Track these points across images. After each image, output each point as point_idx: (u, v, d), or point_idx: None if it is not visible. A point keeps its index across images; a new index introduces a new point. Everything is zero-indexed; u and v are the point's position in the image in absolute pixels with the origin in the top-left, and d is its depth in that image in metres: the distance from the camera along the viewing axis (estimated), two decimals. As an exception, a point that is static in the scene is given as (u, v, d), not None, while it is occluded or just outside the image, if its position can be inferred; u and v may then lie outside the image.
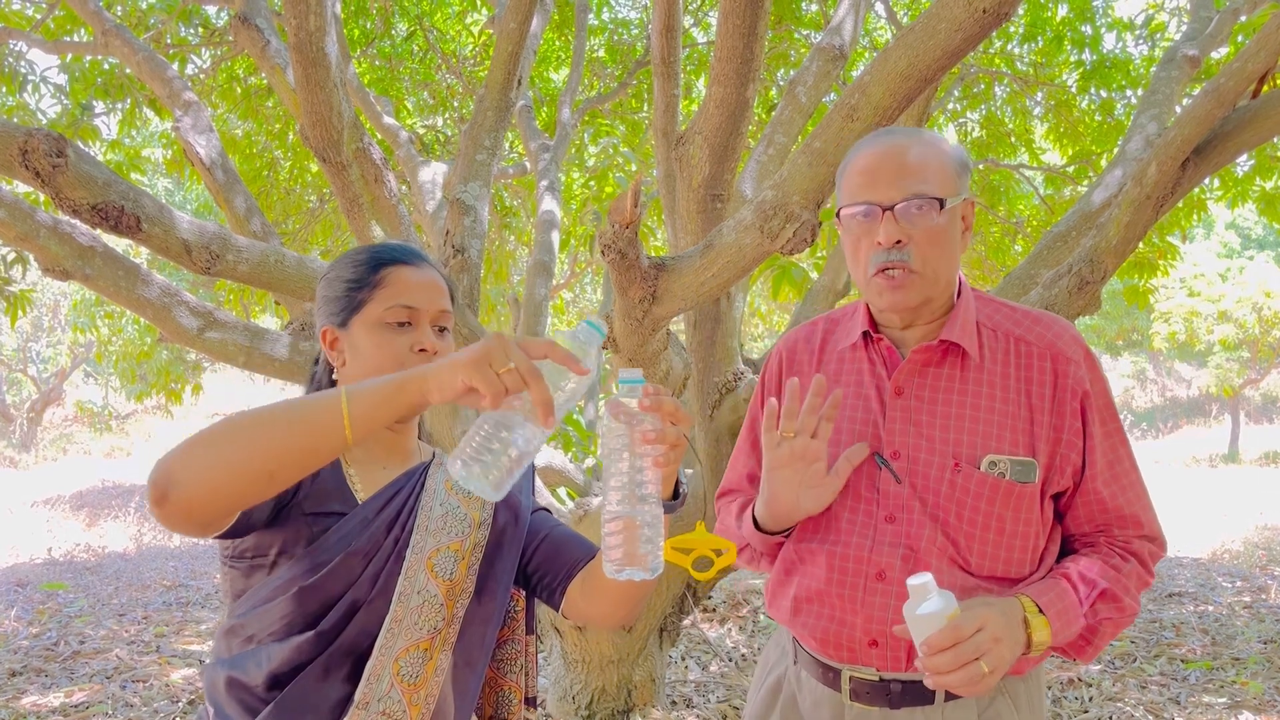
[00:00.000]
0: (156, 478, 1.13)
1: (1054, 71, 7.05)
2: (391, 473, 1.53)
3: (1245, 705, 4.27)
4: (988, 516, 1.50)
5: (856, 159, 1.57)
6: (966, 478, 1.50)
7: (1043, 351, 1.56)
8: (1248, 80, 2.39)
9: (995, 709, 1.54)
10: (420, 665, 1.43)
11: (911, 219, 1.49)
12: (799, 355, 1.73)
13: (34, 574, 8.08)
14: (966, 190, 1.56)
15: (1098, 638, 1.52)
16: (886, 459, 1.55)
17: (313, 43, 2.93)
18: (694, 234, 3.31)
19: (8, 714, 4.35)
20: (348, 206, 3.63)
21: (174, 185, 15.64)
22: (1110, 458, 1.56)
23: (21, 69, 6.15)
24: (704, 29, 7.62)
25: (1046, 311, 1.65)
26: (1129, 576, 1.52)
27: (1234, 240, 24.57)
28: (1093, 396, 1.55)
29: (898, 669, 1.53)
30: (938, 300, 1.57)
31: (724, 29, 2.89)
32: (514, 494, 1.59)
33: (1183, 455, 17.33)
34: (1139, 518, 1.57)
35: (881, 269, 1.51)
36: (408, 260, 1.51)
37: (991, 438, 1.51)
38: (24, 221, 2.99)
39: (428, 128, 7.97)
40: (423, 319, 1.49)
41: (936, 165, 1.51)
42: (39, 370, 21.49)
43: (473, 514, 1.53)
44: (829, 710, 1.60)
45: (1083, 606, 1.48)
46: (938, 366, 1.57)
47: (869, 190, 1.52)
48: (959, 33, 1.88)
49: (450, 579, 1.47)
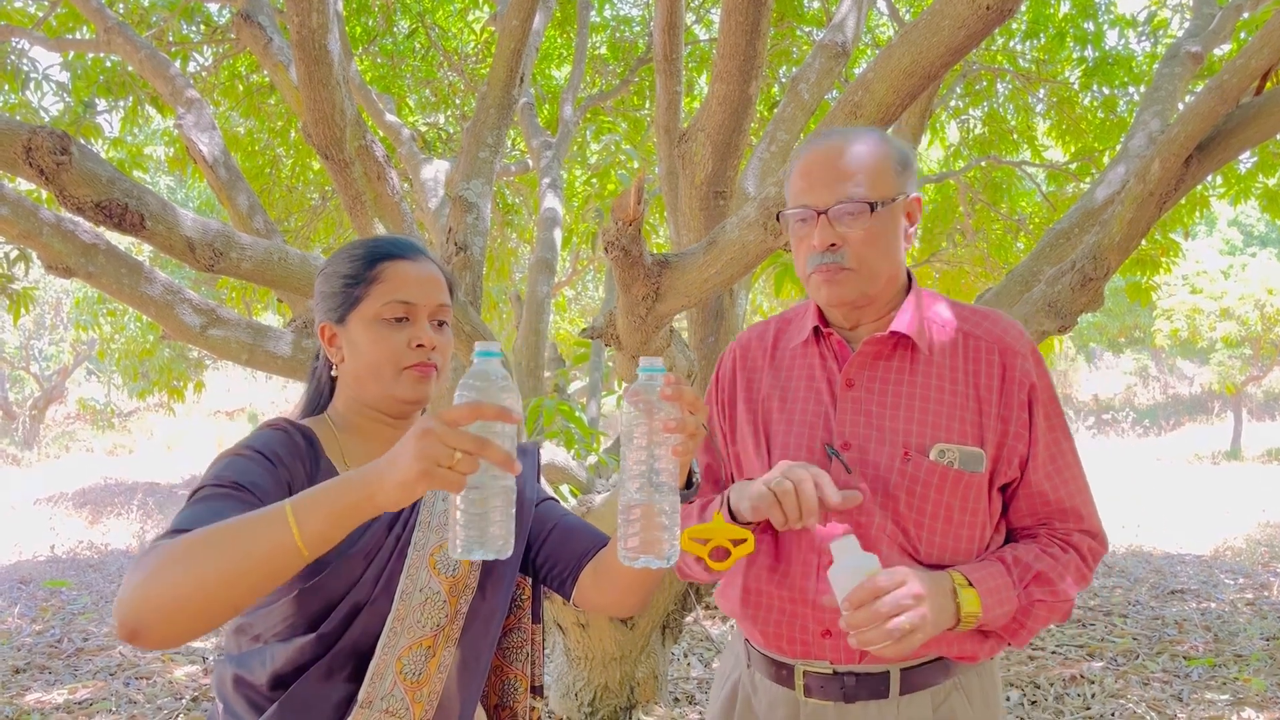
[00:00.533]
0: (123, 618, 1.13)
1: (1056, 68, 7.05)
2: None
3: (1248, 702, 4.27)
4: (936, 505, 1.53)
5: (798, 160, 1.61)
6: (916, 466, 1.53)
7: (990, 345, 1.59)
8: (1251, 77, 2.39)
9: (950, 704, 1.56)
10: (423, 663, 1.43)
11: (844, 222, 1.53)
12: (752, 353, 1.76)
13: (37, 571, 8.10)
14: (910, 187, 1.59)
15: (1030, 620, 1.53)
16: (837, 450, 1.57)
17: (315, 40, 2.93)
18: (697, 231, 3.31)
19: (11, 711, 4.36)
20: (350, 204, 3.63)
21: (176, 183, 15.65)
22: (1053, 451, 1.58)
23: (24, 67, 6.15)
24: (706, 26, 7.62)
25: (993, 309, 1.68)
26: (1065, 566, 1.54)
27: (1236, 237, 24.53)
28: (1039, 390, 1.58)
29: (852, 661, 1.54)
30: (882, 296, 1.61)
31: (726, 26, 2.89)
32: (518, 484, 1.58)
33: (1185, 452, 17.32)
34: (1079, 511, 1.59)
35: (817, 268, 1.56)
36: (404, 254, 1.50)
37: (941, 428, 1.54)
38: (27, 219, 2.99)
39: (430, 125, 7.98)
40: (420, 314, 1.48)
41: (871, 167, 1.54)
42: (41, 368, 21.51)
43: None
44: (784, 710, 1.61)
45: (1016, 587, 1.50)
46: (887, 359, 1.60)
47: (805, 194, 1.57)
48: (962, 29, 1.88)
49: (453, 575, 1.47)
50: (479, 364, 1.21)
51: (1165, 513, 10.68)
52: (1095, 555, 1.60)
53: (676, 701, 4.30)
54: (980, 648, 1.56)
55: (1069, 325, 2.94)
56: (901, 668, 1.54)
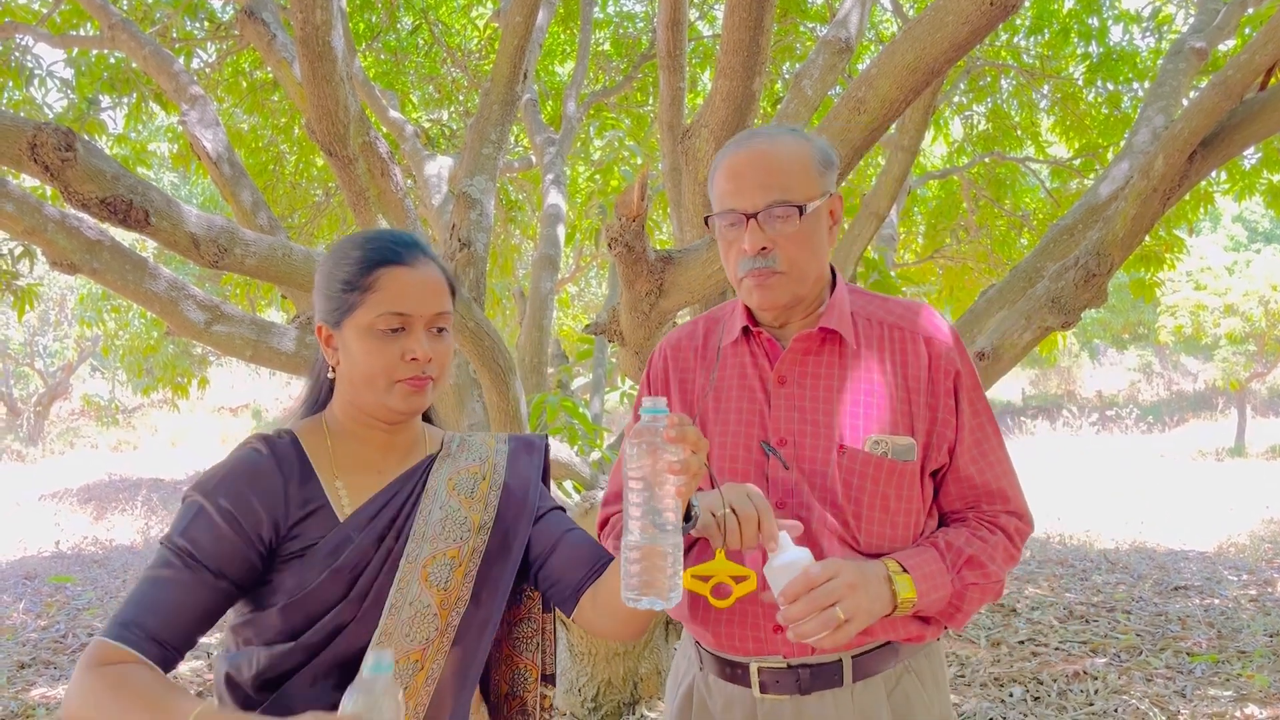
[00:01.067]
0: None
1: (1060, 64, 7.04)
2: (386, 476, 1.49)
3: (1251, 698, 4.27)
4: (873, 495, 1.55)
5: (723, 163, 1.61)
6: (851, 458, 1.55)
7: (915, 335, 1.62)
8: (1255, 73, 2.39)
9: (902, 688, 1.59)
10: (411, 675, 1.41)
11: (774, 225, 1.54)
12: (684, 353, 1.77)
13: (42, 567, 8.12)
14: (832, 186, 1.61)
15: (966, 603, 1.56)
16: (774, 447, 1.59)
17: (319, 36, 2.93)
18: (700, 227, 3.31)
19: (17, 706, 4.37)
20: (354, 200, 3.63)
21: (180, 179, 15.66)
22: (977, 435, 1.62)
23: (28, 63, 6.16)
24: (709, 22, 7.61)
25: (912, 300, 1.71)
26: (995, 547, 1.58)
27: (1241, 233, 24.49)
28: (963, 376, 1.62)
29: (805, 653, 1.56)
30: (809, 296, 1.63)
31: (730, 22, 2.89)
32: (522, 491, 1.57)
33: (1189, 449, 17.29)
34: (1005, 493, 1.63)
35: (749, 273, 1.57)
36: (403, 259, 1.43)
37: (873, 419, 1.57)
38: (32, 215, 3.00)
39: (433, 121, 7.98)
40: (416, 324, 1.42)
41: (798, 169, 1.56)
42: (46, 364, 21.54)
43: (474, 517, 1.50)
44: (740, 709, 1.62)
45: (949, 572, 1.53)
46: (817, 354, 1.62)
47: (733, 197, 1.57)
48: (966, 25, 1.88)
49: (445, 588, 1.44)
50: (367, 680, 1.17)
51: (1169, 509, 10.67)
52: (1021, 535, 1.64)
53: (680, 697, 4.31)
54: (925, 630, 1.59)
55: (1073, 321, 2.94)
56: (852, 655, 1.56)
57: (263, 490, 1.39)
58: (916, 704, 1.59)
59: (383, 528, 1.43)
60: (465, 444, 1.60)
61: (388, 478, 1.49)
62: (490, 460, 1.57)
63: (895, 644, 1.59)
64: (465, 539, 1.47)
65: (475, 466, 1.55)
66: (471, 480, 1.54)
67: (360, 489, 1.46)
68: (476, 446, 1.60)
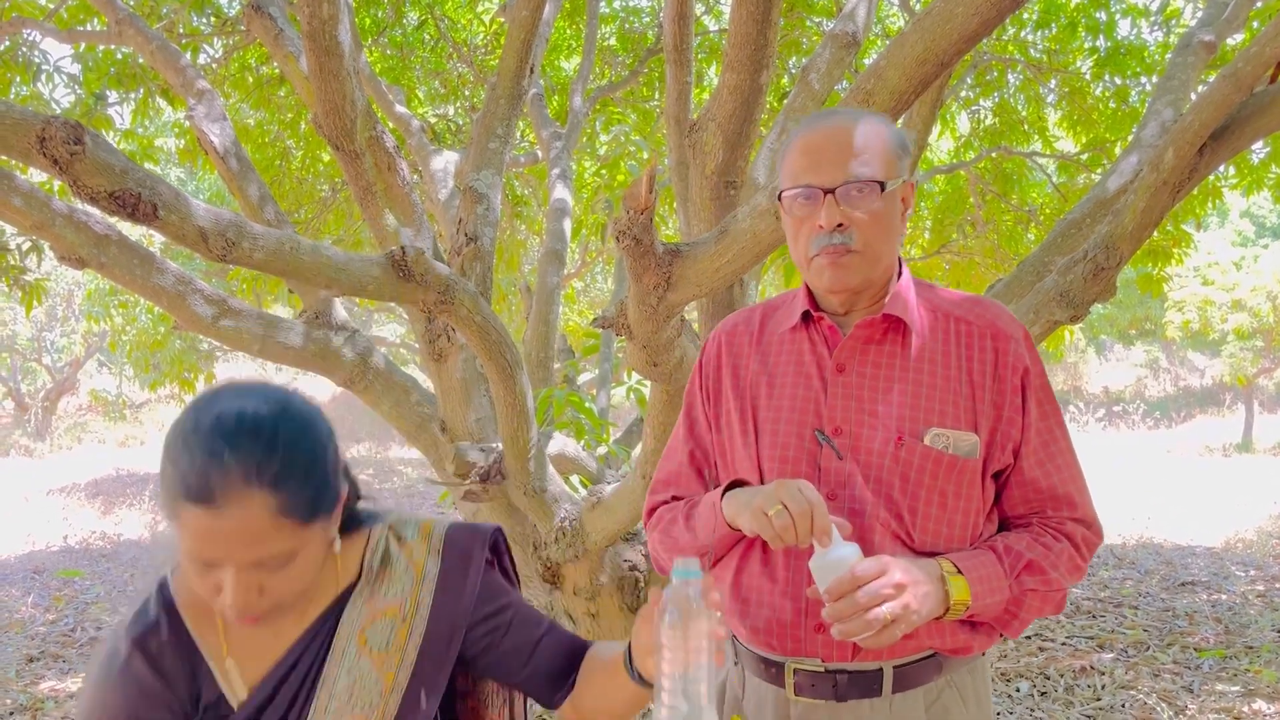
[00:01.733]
0: None
1: (1068, 58, 7.01)
2: (284, 639, 1.29)
3: (1259, 693, 4.26)
4: (930, 490, 1.50)
5: (798, 140, 1.56)
6: (910, 451, 1.50)
7: (983, 330, 1.56)
8: (1265, 65, 2.38)
9: (943, 702, 1.53)
10: None
11: (852, 201, 1.49)
12: (738, 339, 1.71)
13: (50, 561, 8.14)
14: (906, 172, 1.56)
15: (1024, 610, 1.51)
16: (828, 436, 1.54)
17: (326, 31, 2.93)
18: (707, 221, 3.31)
19: (26, 699, 4.39)
20: (361, 195, 3.63)
21: (187, 175, 15.67)
22: (1045, 438, 1.55)
23: (35, 58, 6.17)
24: (715, 16, 7.60)
25: (987, 298, 1.65)
26: (1059, 555, 1.51)
27: (1249, 228, 24.39)
28: (1032, 375, 1.55)
29: (844, 658, 1.50)
30: (877, 282, 1.57)
31: (737, 15, 2.88)
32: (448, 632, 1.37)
33: (1196, 445, 17.24)
34: (1073, 499, 1.55)
35: (823, 249, 1.51)
36: (208, 499, 1.12)
37: (934, 412, 1.51)
38: (40, 210, 3.00)
39: (439, 116, 7.98)
40: (229, 567, 1.15)
41: (878, 147, 1.51)
42: (53, 359, 21.59)
43: (386, 677, 1.30)
44: (773, 708, 1.57)
45: (1007, 577, 1.47)
46: (879, 343, 1.57)
47: (810, 173, 1.51)
48: (976, 16, 1.88)
49: None
50: None
51: (1176, 505, 10.64)
52: (1089, 545, 1.55)
53: (686, 691, 4.31)
54: (973, 639, 1.53)
55: (1081, 315, 2.93)
56: (894, 665, 1.50)
57: (149, 713, 1.23)
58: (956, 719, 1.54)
59: (280, 713, 1.26)
60: (388, 565, 1.37)
61: (285, 642, 1.29)
62: (414, 596, 1.35)
63: (940, 656, 1.53)
64: (375, 705, 1.29)
65: (394, 606, 1.34)
66: (388, 627, 1.33)
67: (254, 664, 1.27)
68: (400, 571, 1.37)
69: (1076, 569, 1.53)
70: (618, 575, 3.73)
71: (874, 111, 1.60)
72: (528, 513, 3.65)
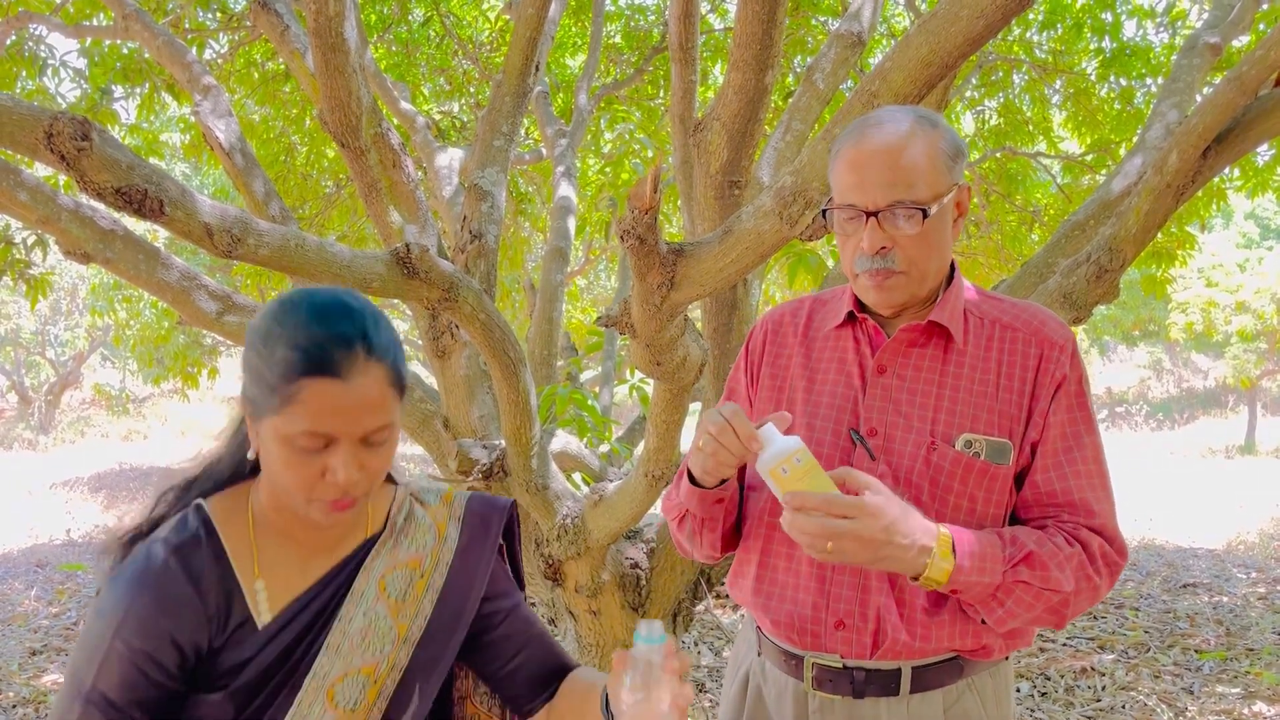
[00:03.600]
0: None
1: (1073, 59, 7.01)
2: (310, 574, 1.31)
3: (1259, 695, 4.26)
4: (960, 495, 1.50)
5: (847, 151, 1.54)
6: (942, 455, 1.50)
7: (1028, 337, 1.55)
8: (1270, 69, 2.38)
9: (963, 705, 1.53)
10: None
11: (896, 225, 1.48)
12: (784, 330, 1.73)
13: (53, 555, 8.16)
14: (959, 176, 1.54)
15: (1011, 600, 1.44)
16: (863, 435, 1.55)
17: (332, 28, 2.93)
18: (711, 220, 3.31)
19: (29, 692, 4.41)
20: (366, 192, 3.64)
21: (191, 170, 15.69)
22: (1067, 443, 1.51)
23: (42, 53, 6.18)
24: (721, 15, 7.60)
25: (1038, 305, 1.64)
26: (1066, 558, 1.44)
27: (1253, 230, 24.36)
28: (1069, 383, 1.53)
29: (863, 656, 1.51)
30: (932, 292, 1.58)
31: (743, 14, 2.88)
32: (463, 595, 1.40)
33: (1199, 446, 17.24)
34: (1089, 506, 1.50)
35: (867, 272, 1.52)
36: (336, 371, 1.17)
37: (968, 418, 1.51)
38: (46, 205, 3.01)
39: (444, 113, 7.98)
40: (343, 442, 1.20)
41: (926, 165, 1.48)
42: (57, 353, 21.64)
43: (400, 627, 1.32)
44: (793, 701, 1.58)
45: (1004, 563, 1.43)
46: (921, 347, 1.58)
47: (856, 191, 1.50)
48: (981, 19, 1.87)
49: (353, 709, 1.27)
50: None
51: (1178, 506, 10.64)
52: (1107, 560, 1.48)
53: (687, 689, 4.32)
54: (994, 643, 1.52)
55: (1084, 317, 2.93)
56: (913, 665, 1.51)
57: (178, 619, 1.22)
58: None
59: (291, 640, 1.27)
60: (412, 522, 1.41)
61: (312, 576, 1.32)
62: (435, 553, 1.39)
63: (961, 659, 1.53)
64: (386, 653, 1.31)
65: (415, 559, 1.37)
66: (407, 579, 1.36)
67: (280, 591, 1.29)
68: (423, 530, 1.41)
69: (1088, 580, 1.46)
70: (619, 573, 3.74)
71: (925, 114, 1.55)
72: (530, 510, 3.65)
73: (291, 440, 1.18)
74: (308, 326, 1.18)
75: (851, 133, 1.55)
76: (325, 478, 1.20)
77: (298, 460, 1.19)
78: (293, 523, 1.31)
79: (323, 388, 1.16)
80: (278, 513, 1.31)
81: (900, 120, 1.52)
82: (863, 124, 1.55)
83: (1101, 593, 1.48)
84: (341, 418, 1.18)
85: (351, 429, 1.19)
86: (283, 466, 1.21)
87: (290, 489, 1.22)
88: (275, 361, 1.18)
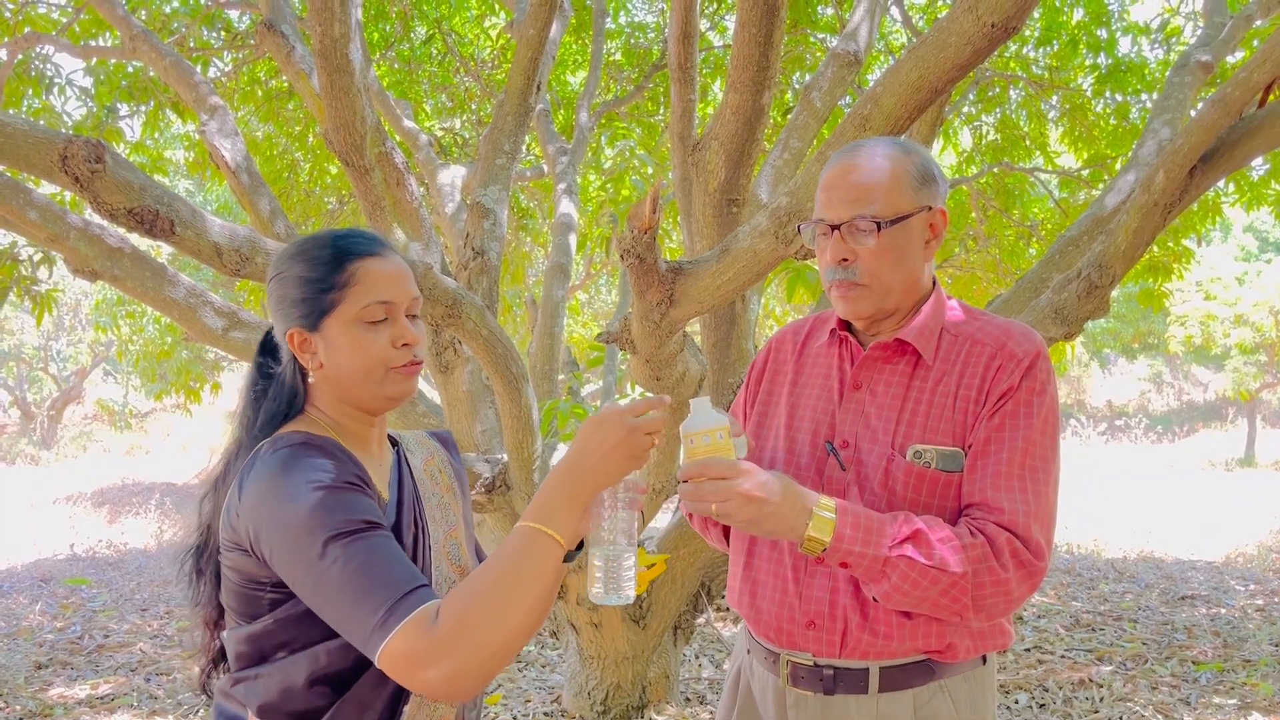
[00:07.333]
0: (452, 673, 1.20)
1: (1069, 75, 7.08)
2: (385, 467, 1.50)
3: (1255, 707, 4.29)
4: (913, 504, 1.56)
5: (825, 174, 1.66)
6: (897, 466, 1.58)
7: (993, 351, 1.59)
8: (1254, 90, 2.44)
9: (933, 707, 1.58)
10: None
11: (855, 238, 1.59)
12: (784, 348, 1.84)
13: (57, 569, 8.19)
14: (933, 200, 1.62)
15: (896, 575, 1.44)
16: (836, 447, 1.64)
17: (337, 49, 3.00)
18: (710, 238, 3.37)
19: (35, 705, 4.44)
20: (370, 209, 3.70)
21: (195, 186, 15.78)
22: (988, 446, 1.53)
23: (48, 72, 6.25)
24: (720, 32, 7.67)
25: (1020, 324, 1.67)
26: (965, 546, 1.45)
27: (1251, 244, 24.43)
28: (1017, 392, 1.55)
29: (832, 654, 1.59)
30: (899, 308, 1.65)
31: (740, 38, 2.95)
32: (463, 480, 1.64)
33: (1198, 459, 17.26)
34: (999, 505, 1.49)
35: (833, 282, 1.63)
36: (374, 252, 1.43)
37: (925, 429, 1.59)
38: (55, 223, 3.07)
39: (446, 130, 8.05)
40: (399, 311, 1.42)
41: (888, 184, 1.58)
42: (60, 369, 21.70)
43: (453, 503, 1.56)
44: (773, 696, 1.68)
45: (890, 538, 1.45)
46: (892, 363, 1.66)
47: (824, 208, 1.63)
48: (968, 46, 1.94)
49: (460, 564, 1.50)
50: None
51: (1177, 519, 10.66)
52: (1018, 557, 1.46)
53: (688, 701, 4.35)
54: (958, 643, 1.56)
55: (1075, 332, 2.99)
56: (881, 665, 1.58)
57: (346, 463, 1.36)
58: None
59: (412, 515, 1.46)
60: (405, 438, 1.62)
61: (387, 468, 1.50)
62: (437, 454, 1.63)
63: (931, 662, 1.58)
64: (454, 522, 1.54)
65: (430, 459, 1.60)
66: (436, 469, 1.59)
67: (377, 478, 1.44)
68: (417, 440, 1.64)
69: (990, 571, 1.45)
70: (620, 585, 3.78)
71: (902, 143, 1.65)
72: (532, 523, 3.70)
73: (359, 318, 1.39)
74: (334, 238, 1.44)
75: (833, 159, 1.67)
76: (395, 345, 1.40)
77: (369, 338, 1.39)
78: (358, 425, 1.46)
79: (372, 264, 1.41)
80: (346, 418, 1.45)
81: (875, 146, 1.64)
82: (843, 151, 1.67)
83: (1014, 589, 1.47)
84: (395, 286, 1.42)
85: (402, 296, 1.42)
86: (357, 349, 1.39)
87: (368, 366, 1.40)
88: (321, 263, 1.40)
